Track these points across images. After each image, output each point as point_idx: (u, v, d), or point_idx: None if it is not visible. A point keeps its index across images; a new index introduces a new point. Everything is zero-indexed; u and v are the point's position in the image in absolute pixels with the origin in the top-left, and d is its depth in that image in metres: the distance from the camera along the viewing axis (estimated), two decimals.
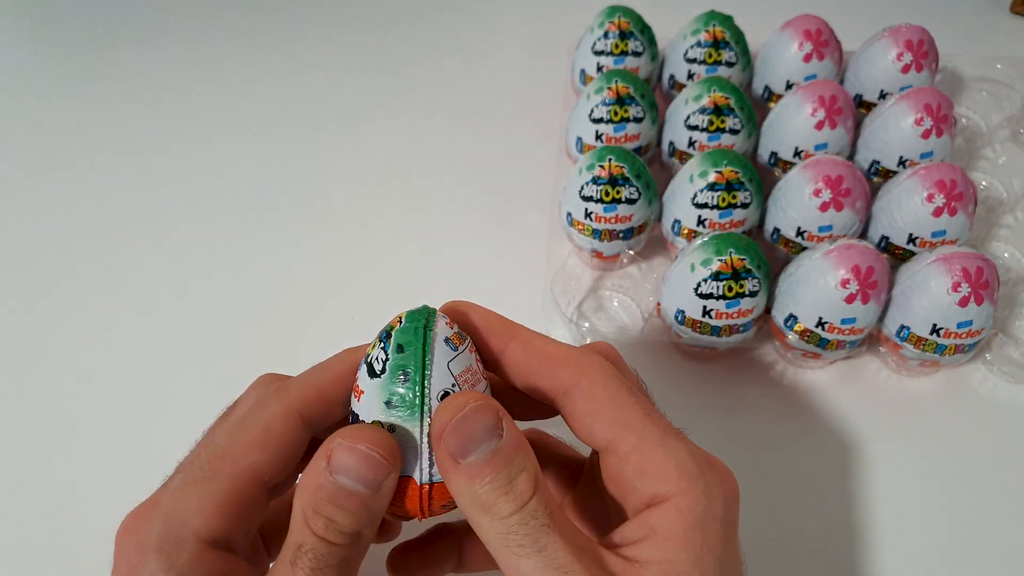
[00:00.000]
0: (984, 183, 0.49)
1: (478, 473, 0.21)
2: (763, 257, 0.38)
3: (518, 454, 0.22)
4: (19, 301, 0.46)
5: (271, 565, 0.22)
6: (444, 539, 0.29)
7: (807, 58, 0.47)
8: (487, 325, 0.26)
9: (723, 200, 0.40)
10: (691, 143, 0.45)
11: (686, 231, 0.42)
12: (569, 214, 0.43)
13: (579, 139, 0.46)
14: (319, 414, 0.25)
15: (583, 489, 0.30)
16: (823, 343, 0.38)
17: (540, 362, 0.25)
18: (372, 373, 0.23)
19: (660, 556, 0.22)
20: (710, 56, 0.48)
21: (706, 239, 0.38)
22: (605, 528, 0.26)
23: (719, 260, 0.37)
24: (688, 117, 0.44)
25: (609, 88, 0.44)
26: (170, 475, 0.24)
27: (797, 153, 0.44)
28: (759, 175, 0.41)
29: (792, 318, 0.38)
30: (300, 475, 0.23)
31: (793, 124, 0.44)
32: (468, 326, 0.26)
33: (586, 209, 0.41)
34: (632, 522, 0.23)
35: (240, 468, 0.23)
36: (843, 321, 0.37)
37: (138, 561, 0.22)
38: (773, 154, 0.46)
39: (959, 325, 0.36)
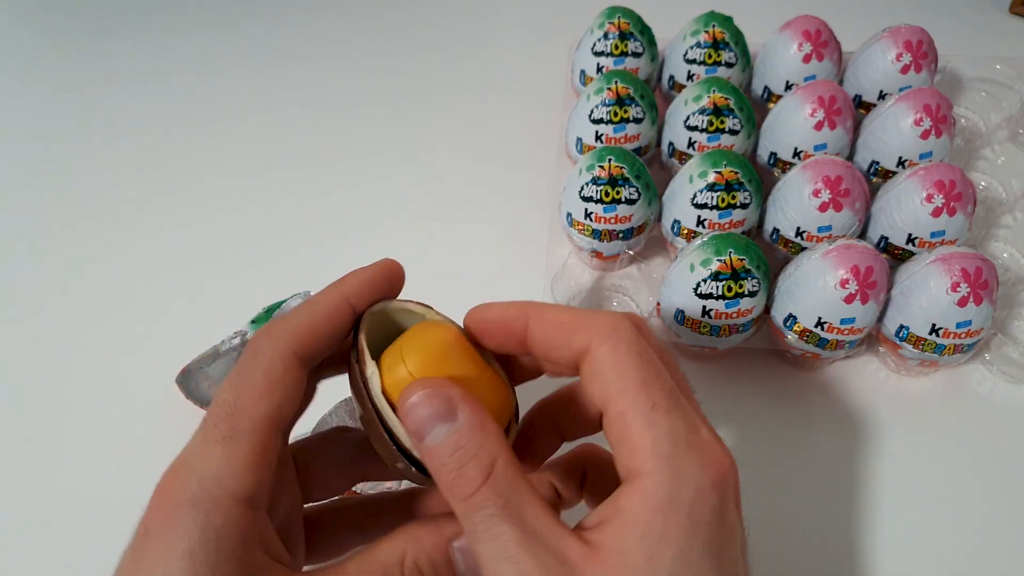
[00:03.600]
0: (983, 183, 0.49)
1: (432, 455, 0.22)
2: (762, 257, 0.38)
3: (472, 439, 0.22)
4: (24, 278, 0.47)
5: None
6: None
7: (806, 59, 0.47)
8: (503, 315, 0.25)
9: (722, 200, 0.40)
10: (691, 144, 0.45)
11: (685, 231, 0.42)
12: (569, 214, 0.43)
13: (579, 140, 0.46)
14: (313, 351, 0.25)
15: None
16: (822, 343, 0.38)
17: (556, 332, 0.25)
18: None
19: (616, 545, 0.21)
20: (710, 57, 0.48)
21: (705, 239, 0.38)
22: None
23: (718, 260, 0.37)
24: (688, 118, 0.44)
25: (609, 89, 0.44)
26: (192, 437, 0.24)
27: (796, 154, 0.44)
28: (758, 176, 0.41)
29: (791, 318, 0.38)
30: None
31: (792, 125, 0.44)
32: (485, 327, 0.26)
33: (586, 209, 0.41)
34: (605, 502, 0.23)
35: (256, 422, 0.23)
36: (842, 321, 0.37)
37: (172, 512, 0.21)
38: (772, 155, 0.46)
39: (958, 325, 0.36)
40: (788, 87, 0.48)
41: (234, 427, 0.23)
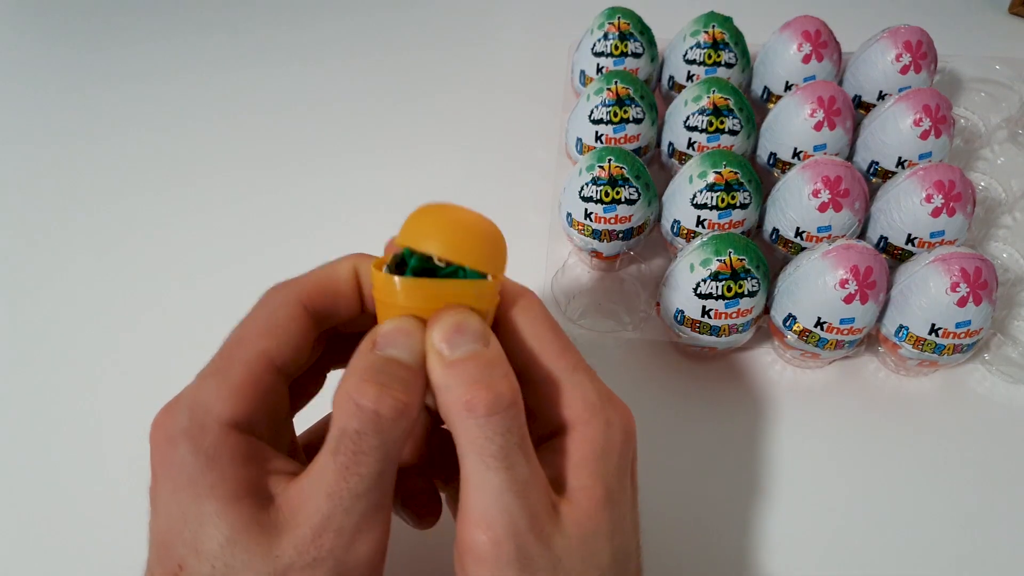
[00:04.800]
0: (982, 184, 0.49)
1: (460, 365, 0.22)
2: (762, 257, 0.38)
3: (501, 364, 0.23)
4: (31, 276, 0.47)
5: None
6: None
7: (806, 59, 0.47)
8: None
9: (722, 201, 0.40)
10: (690, 144, 0.45)
11: (685, 231, 0.42)
12: (569, 214, 0.43)
13: (579, 140, 0.46)
14: (320, 304, 0.26)
15: None
16: (822, 343, 0.38)
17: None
18: None
19: (578, 484, 0.24)
20: (709, 57, 0.48)
21: (705, 239, 0.38)
22: None
23: (718, 260, 0.37)
24: (687, 118, 0.44)
25: (609, 89, 0.44)
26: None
27: (796, 154, 0.44)
28: (758, 176, 0.41)
29: (791, 318, 0.38)
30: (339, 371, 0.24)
31: (792, 125, 0.44)
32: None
33: (586, 210, 0.41)
34: (547, 449, 0.25)
35: (250, 355, 0.24)
36: (842, 321, 0.37)
37: (168, 448, 0.23)
38: (772, 155, 0.46)
39: (957, 325, 0.36)
40: (788, 87, 0.48)
41: (230, 359, 0.24)
